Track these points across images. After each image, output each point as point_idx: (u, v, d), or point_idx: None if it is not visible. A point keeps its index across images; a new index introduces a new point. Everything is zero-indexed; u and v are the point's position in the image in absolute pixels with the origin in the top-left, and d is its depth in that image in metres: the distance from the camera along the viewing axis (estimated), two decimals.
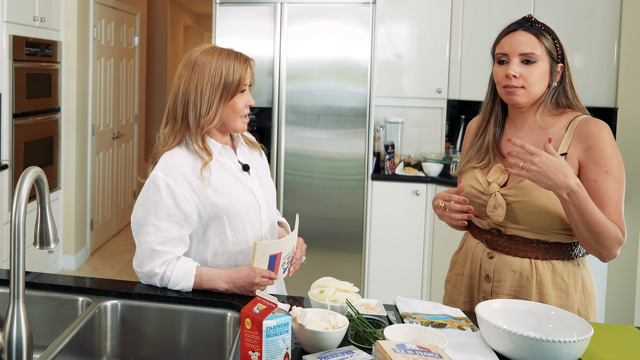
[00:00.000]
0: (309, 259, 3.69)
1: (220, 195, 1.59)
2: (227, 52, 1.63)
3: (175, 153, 1.60)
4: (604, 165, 1.52)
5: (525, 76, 1.59)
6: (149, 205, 1.57)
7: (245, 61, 1.62)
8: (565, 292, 1.58)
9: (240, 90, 1.60)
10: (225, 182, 1.61)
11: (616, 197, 1.52)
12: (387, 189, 3.69)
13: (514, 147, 1.49)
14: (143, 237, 1.57)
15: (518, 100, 1.61)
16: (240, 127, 1.64)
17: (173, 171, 1.57)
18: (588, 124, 1.56)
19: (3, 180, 3.71)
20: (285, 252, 1.59)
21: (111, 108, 5.25)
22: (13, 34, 3.73)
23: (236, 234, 1.62)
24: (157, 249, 1.56)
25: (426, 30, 3.87)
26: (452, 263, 1.82)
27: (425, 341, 1.24)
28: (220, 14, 3.68)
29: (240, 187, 1.63)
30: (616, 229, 1.50)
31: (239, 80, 1.58)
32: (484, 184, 1.66)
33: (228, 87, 1.58)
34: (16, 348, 1.17)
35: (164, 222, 1.55)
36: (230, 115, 1.61)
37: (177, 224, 1.57)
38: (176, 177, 1.56)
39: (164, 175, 1.56)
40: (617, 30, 3.17)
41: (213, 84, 1.57)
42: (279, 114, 3.64)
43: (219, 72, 1.57)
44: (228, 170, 1.64)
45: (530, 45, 1.60)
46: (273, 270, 1.58)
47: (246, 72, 1.60)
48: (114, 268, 4.66)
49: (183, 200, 1.56)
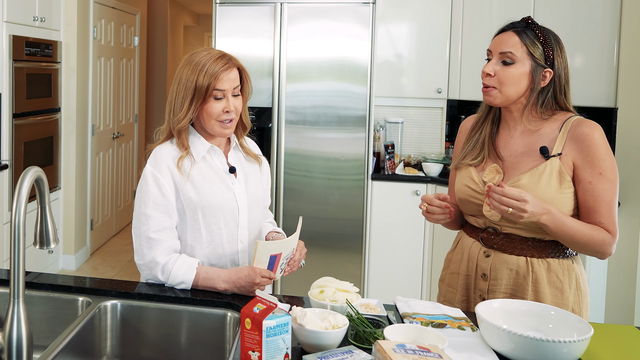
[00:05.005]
0: (309, 259, 3.69)
1: (198, 191, 1.64)
2: (208, 57, 1.62)
3: (163, 147, 1.68)
4: (598, 167, 1.53)
5: (500, 76, 1.60)
6: (140, 197, 1.64)
7: (226, 67, 1.61)
8: (560, 290, 1.59)
9: (214, 96, 1.61)
10: (207, 179, 1.66)
11: (609, 198, 1.54)
12: (387, 189, 3.69)
13: (495, 192, 1.51)
14: (138, 228, 1.63)
15: (491, 100, 1.64)
16: (218, 131, 1.65)
17: (160, 163, 1.64)
18: (581, 125, 1.57)
19: (3, 180, 3.71)
20: (285, 253, 1.61)
21: (111, 108, 5.25)
22: (13, 34, 3.73)
23: (210, 232, 1.66)
24: (153, 237, 1.61)
25: (426, 30, 3.87)
26: (447, 262, 1.83)
27: (425, 341, 1.24)
28: (220, 14, 3.68)
29: (222, 187, 1.67)
30: (602, 234, 1.53)
31: (208, 85, 1.59)
32: (479, 183, 1.66)
33: (198, 91, 1.60)
34: (16, 348, 1.17)
35: (152, 210, 1.61)
36: (206, 119, 1.64)
37: (165, 213, 1.62)
38: (162, 169, 1.64)
39: (152, 168, 1.64)
40: (617, 30, 3.17)
41: (187, 87, 1.61)
42: (279, 114, 3.64)
43: (194, 76, 1.60)
44: (214, 169, 1.68)
45: (509, 45, 1.60)
46: (272, 270, 1.59)
47: (219, 79, 1.59)
48: (114, 268, 4.66)
49: (168, 191, 1.63)
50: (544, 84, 1.60)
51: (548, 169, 1.56)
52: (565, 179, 1.55)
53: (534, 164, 1.59)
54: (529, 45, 1.58)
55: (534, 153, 1.60)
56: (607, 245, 1.54)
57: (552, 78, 1.60)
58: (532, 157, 1.60)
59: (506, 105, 1.65)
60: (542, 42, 1.59)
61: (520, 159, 1.62)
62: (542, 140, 1.60)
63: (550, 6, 3.35)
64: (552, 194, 1.55)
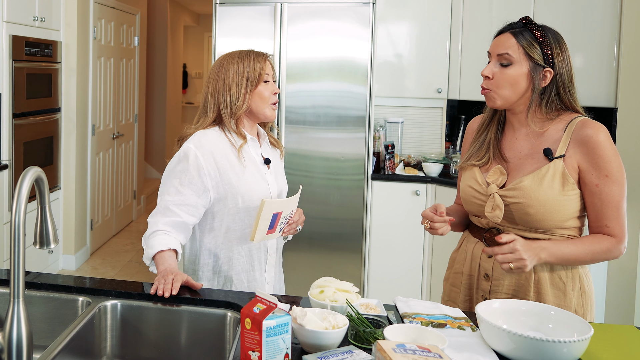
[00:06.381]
0: (309, 258, 3.70)
1: (240, 179, 1.76)
2: (247, 51, 1.85)
3: (209, 133, 1.79)
4: (604, 169, 1.52)
5: (498, 78, 1.60)
6: (177, 171, 1.75)
7: (263, 56, 1.84)
8: (562, 292, 1.59)
9: (264, 80, 1.80)
10: (248, 169, 1.79)
11: (617, 200, 1.53)
12: (387, 189, 3.69)
13: (489, 253, 1.54)
14: (163, 195, 1.76)
15: (491, 103, 1.64)
16: (270, 113, 1.83)
17: (204, 147, 1.75)
18: (585, 126, 1.55)
19: (3, 180, 3.71)
20: (285, 213, 1.74)
21: (111, 108, 5.25)
22: (13, 34, 3.73)
23: (248, 217, 1.79)
24: (171, 209, 1.73)
25: (426, 30, 3.87)
26: (451, 261, 1.83)
27: (425, 341, 1.24)
28: (220, 14, 3.68)
29: (258, 177, 1.81)
30: (604, 243, 1.54)
31: (260, 71, 1.79)
32: (483, 184, 1.66)
33: (251, 78, 1.79)
34: (16, 348, 1.17)
35: (185, 187, 1.73)
36: (259, 103, 1.80)
37: (196, 193, 1.74)
38: (205, 153, 1.74)
39: (196, 148, 1.74)
40: (617, 30, 3.16)
41: (238, 77, 1.78)
42: (279, 113, 3.64)
43: (241, 67, 1.79)
44: (252, 160, 1.81)
45: (505, 47, 1.60)
46: (272, 228, 1.71)
47: (265, 65, 1.81)
48: (114, 268, 4.66)
49: (206, 174, 1.74)
50: (545, 83, 1.59)
51: (551, 170, 1.55)
52: (568, 181, 1.54)
53: (537, 165, 1.58)
54: (525, 46, 1.58)
55: (538, 155, 1.59)
56: (613, 252, 1.55)
57: (554, 77, 1.59)
58: (536, 159, 1.59)
59: (508, 107, 1.64)
60: (541, 41, 1.58)
61: (525, 161, 1.62)
62: (547, 142, 1.59)
63: (550, 6, 3.34)
64: (555, 196, 1.54)
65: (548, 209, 1.54)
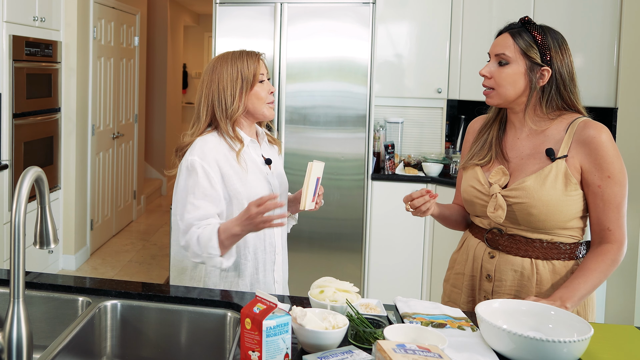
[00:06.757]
0: (309, 258, 3.69)
1: (243, 183, 1.76)
2: (239, 52, 1.82)
3: (208, 139, 1.77)
4: (606, 170, 1.52)
5: (496, 77, 1.63)
6: (189, 186, 1.73)
7: (256, 56, 1.82)
8: None
9: (259, 80, 1.79)
10: (250, 171, 1.79)
11: (618, 201, 1.53)
12: (387, 189, 3.69)
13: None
14: (182, 215, 1.72)
15: (490, 101, 1.66)
16: (268, 113, 1.82)
17: (208, 156, 1.73)
18: (587, 127, 1.55)
19: (3, 180, 3.71)
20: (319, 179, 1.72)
21: (111, 108, 5.25)
22: (13, 34, 3.73)
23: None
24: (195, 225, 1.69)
25: (426, 30, 3.87)
26: (452, 262, 1.82)
27: (425, 341, 1.24)
28: (220, 14, 3.68)
29: (261, 178, 1.80)
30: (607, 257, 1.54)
31: (254, 72, 1.78)
32: (485, 184, 1.66)
33: (246, 80, 1.77)
34: (16, 348, 1.17)
35: (200, 201, 1.71)
36: (256, 104, 1.79)
37: (212, 203, 1.72)
38: (210, 162, 1.73)
39: (201, 160, 1.73)
40: (617, 30, 3.16)
41: (232, 80, 1.77)
42: (278, 113, 3.64)
43: (235, 70, 1.77)
44: (253, 162, 1.81)
45: (503, 47, 1.62)
46: (314, 196, 1.69)
47: (259, 65, 1.80)
48: (114, 268, 4.66)
49: (216, 182, 1.73)
50: (543, 82, 1.59)
51: (554, 171, 1.55)
52: (571, 181, 1.54)
53: (539, 166, 1.58)
54: (522, 45, 1.59)
55: (540, 155, 1.59)
56: (617, 260, 1.56)
57: (553, 76, 1.59)
58: (538, 159, 1.59)
59: (506, 105, 1.65)
60: (538, 41, 1.59)
61: (527, 161, 1.62)
62: (548, 142, 1.59)
63: (550, 6, 3.34)
64: (558, 197, 1.54)
65: (551, 210, 1.54)
